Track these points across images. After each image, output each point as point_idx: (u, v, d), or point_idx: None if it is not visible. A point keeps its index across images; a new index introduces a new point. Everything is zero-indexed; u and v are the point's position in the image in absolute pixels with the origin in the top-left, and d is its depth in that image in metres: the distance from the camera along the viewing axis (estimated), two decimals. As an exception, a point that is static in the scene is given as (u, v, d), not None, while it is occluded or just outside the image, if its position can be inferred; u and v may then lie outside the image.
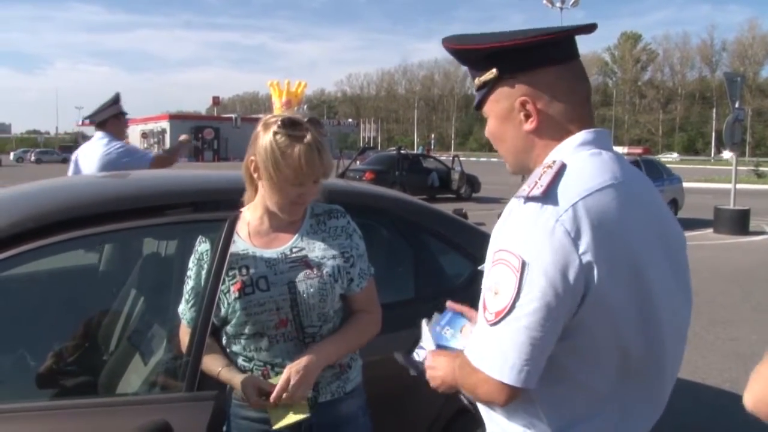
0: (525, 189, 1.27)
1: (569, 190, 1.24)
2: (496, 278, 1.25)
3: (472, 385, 1.33)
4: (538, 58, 1.35)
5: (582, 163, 1.30)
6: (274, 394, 1.83)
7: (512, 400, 1.27)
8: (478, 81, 1.43)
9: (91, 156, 4.63)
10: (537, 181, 1.26)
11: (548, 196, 1.24)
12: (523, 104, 1.36)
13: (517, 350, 1.22)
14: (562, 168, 1.27)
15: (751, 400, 1.05)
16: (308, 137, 1.82)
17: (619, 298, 1.24)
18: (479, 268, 1.45)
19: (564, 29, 1.37)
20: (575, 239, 1.20)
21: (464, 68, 1.50)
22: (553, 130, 1.36)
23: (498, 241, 1.29)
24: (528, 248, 1.21)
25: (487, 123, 1.47)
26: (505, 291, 1.22)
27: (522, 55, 1.35)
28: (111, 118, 4.71)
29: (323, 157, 1.84)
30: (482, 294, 1.30)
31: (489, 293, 1.26)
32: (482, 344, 1.28)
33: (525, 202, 1.26)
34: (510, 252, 1.23)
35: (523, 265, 1.21)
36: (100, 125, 4.70)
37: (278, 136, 1.82)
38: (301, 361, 1.86)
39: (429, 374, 1.56)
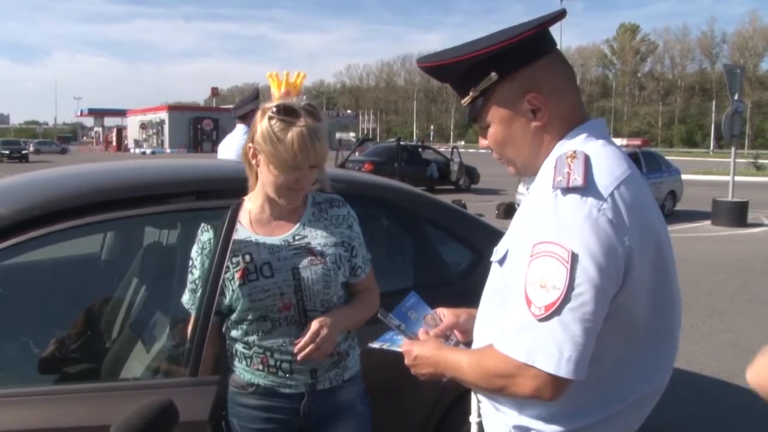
0: (561, 180, 1.25)
1: (603, 180, 1.26)
2: (541, 271, 1.23)
3: (506, 384, 1.29)
4: (534, 51, 1.37)
5: (599, 153, 1.31)
6: (301, 343, 1.86)
7: (563, 392, 1.25)
8: (473, 92, 1.40)
9: (229, 145, 5.33)
10: (569, 171, 1.25)
11: (588, 186, 1.24)
12: (530, 101, 1.36)
13: (572, 342, 1.20)
14: (588, 158, 1.28)
15: (751, 375, 1.08)
16: (302, 123, 1.84)
17: (646, 278, 1.27)
18: (491, 259, 1.45)
19: (551, 16, 1.38)
20: (617, 227, 1.22)
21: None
22: (560, 120, 1.37)
23: (536, 233, 1.26)
24: (575, 239, 1.21)
25: (488, 132, 1.44)
26: (556, 283, 1.21)
27: (520, 52, 1.36)
28: (250, 112, 5.32)
29: (317, 143, 1.86)
30: (521, 289, 1.26)
31: (533, 287, 1.23)
32: (531, 340, 1.23)
33: (564, 194, 1.25)
34: (556, 244, 1.22)
35: (573, 256, 1.20)
36: (242, 118, 5.38)
37: (273, 122, 1.85)
38: (326, 318, 1.90)
39: (414, 372, 1.56)
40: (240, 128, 5.41)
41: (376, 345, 1.71)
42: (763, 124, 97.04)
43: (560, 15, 1.40)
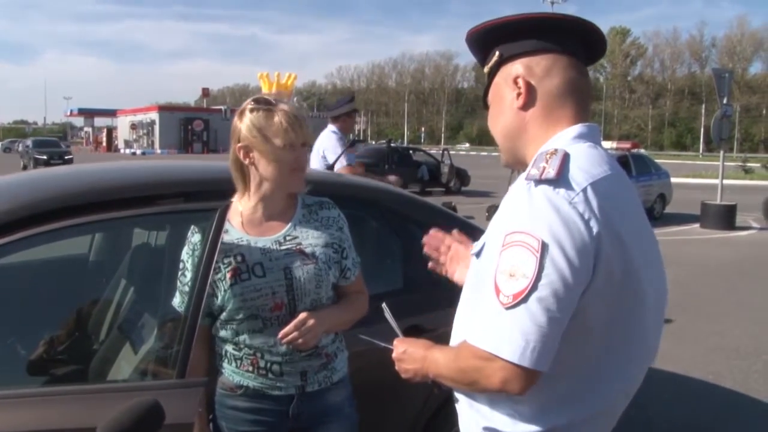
0: (535, 173, 1.28)
1: (577, 176, 1.28)
2: (511, 260, 1.23)
3: (477, 377, 1.29)
4: (538, 41, 1.41)
5: (582, 154, 1.33)
6: (285, 329, 1.88)
7: (530, 385, 1.25)
8: (486, 68, 1.48)
9: (318, 145, 5.41)
10: (545, 165, 1.28)
11: (561, 179, 1.26)
12: (515, 80, 1.41)
13: (538, 332, 1.21)
14: (567, 155, 1.30)
15: None
16: (281, 106, 1.91)
17: (615, 278, 1.28)
18: (470, 252, 1.47)
19: (559, 15, 1.44)
20: (587, 221, 1.23)
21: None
22: (546, 114, 1.40)
23: (508, 223, 1.28)
24: (546, 229, 1.22)
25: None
26: (524, 272, 1.21)
27: (524, 36, 1.41)
28: (344, 114, 5.46)
29: (302, 120, 1.93)
30: (491, 278, 1.27)
31: (503, 276, 1.24)
32: (497, 329, 1.24)
33: (537, 185, 1.27)
34: (527, 234, 1.23)
35: (543, 245, 1.21)
36: (335, 119, 5.47)
37: (255, 113, 1.91)
38: (312, 313, 1.92)
39: (398, 366, 1.56)
40: (329, 127, 5.46)
41: (366, 336, 1.74)
42: (752, 128, 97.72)
43: (584, 26, 1.43)
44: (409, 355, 1.53)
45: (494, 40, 1.45)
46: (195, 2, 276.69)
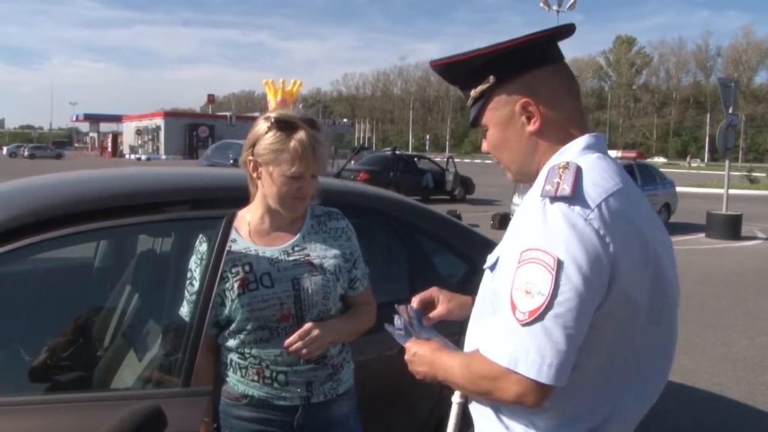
0: (549, 189, 1.28)
1: (591, 191, 1.28)
2: (527, 277, 1.24)
3: (491, 388, 1.30)
4: (533, 59, 1.40)
5: (593, 166, 1.33)
6: (290, 339, 1.87)
7: (545, 399, 1.26)
8: (474, 93, 1.44)
9: None
10: (558, 181, 1.28)
11: (576, 196, 1.26)
12: (524, 106, 1.39)
13: (554, 348, 1.22)
14: (580, 169, 1.30)
15: None
16: (301, 133, 1.86)
17: (637, 290, 1.28)
18: (484, 266, 1.47)
19: (556, 28, 1.42)
20: (603, 237, 1.23)
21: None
22: (556, 130, 1.40)
23: (524, 240, 1.28)
24: (562, 247, 1.23)
25: (486, 136, 1.48)
26: (541, 289, 1.22)
27: (518, 58, 1.39)
28: None
29: (317, 152, 1.88)
30: (507, 294, 1.28)
31: (519, 293, 1.25)
32: (514, 344, 1.25)
33: (552, 202, 1.27)
34: (543, 251, 1.23)
35: (559, 263, 1.22)
36: None
37: (272, 132, 1.87)
38: (318, 323, 1.91)
39: (410, 368, 1.59)
40: None
41: (390, 328, 1.72)
42: (757, 138, 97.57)
43: (567, 29, 1.43)
44: (419, 357, 1.55)
45: (484, 66, 1.42)
46: (203, 9, 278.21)
